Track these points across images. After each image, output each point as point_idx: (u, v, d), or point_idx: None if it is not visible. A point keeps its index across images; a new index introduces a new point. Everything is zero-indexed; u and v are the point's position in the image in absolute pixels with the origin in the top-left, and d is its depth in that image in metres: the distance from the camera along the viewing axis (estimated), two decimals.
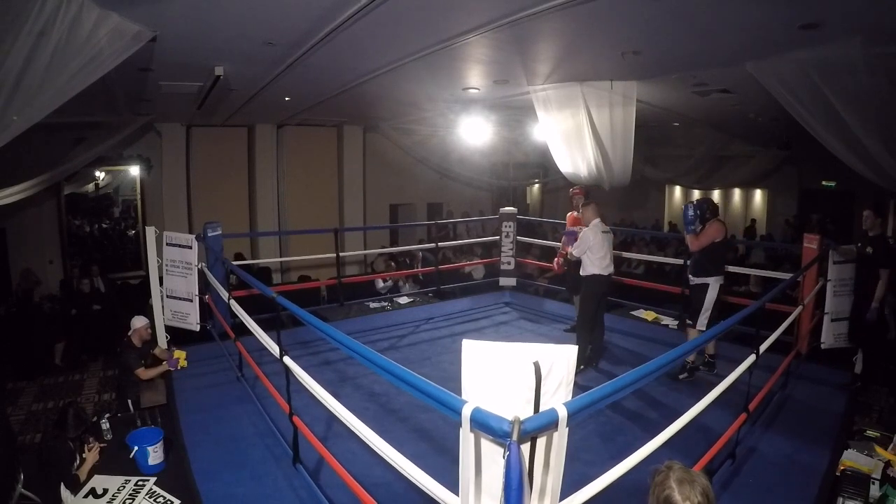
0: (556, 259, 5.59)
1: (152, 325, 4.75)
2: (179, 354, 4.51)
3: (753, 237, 12.00)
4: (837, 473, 2.98)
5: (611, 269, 4.62)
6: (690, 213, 4.27)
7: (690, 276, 4.44)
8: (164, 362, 4.46)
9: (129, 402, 4.34)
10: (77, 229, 9.33)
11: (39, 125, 3.20)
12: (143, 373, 4.38)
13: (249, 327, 3.49)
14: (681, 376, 4.29)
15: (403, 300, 6.58)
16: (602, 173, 6.13)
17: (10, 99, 2.86)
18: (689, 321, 4.47)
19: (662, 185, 14.01)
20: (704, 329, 4.25)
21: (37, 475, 3.25)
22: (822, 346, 4.37)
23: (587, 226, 4.63)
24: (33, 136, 3.98)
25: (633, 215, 14.16)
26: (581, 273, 4.67)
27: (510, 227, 6.81)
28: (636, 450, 1.98)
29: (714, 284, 4.26)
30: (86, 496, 2.99)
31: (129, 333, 4.48)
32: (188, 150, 9.17)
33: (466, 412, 1.40)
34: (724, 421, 3.01)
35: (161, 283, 4.97)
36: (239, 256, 9.12)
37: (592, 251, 4.55)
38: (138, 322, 4.51)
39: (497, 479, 1.36)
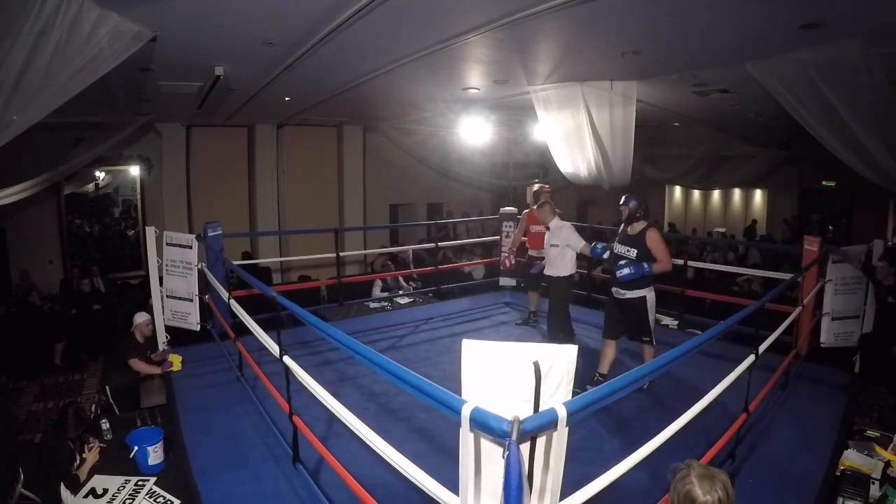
0: (507, 257, 5.98)
1: (152, 325, 4.76)
2: (174, 359, 4.50)
3: (754, 237, 12.00)
4: (837, 473, 2.98)
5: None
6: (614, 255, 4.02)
7: (620, 289, 3.97)
8: (161, 363, 4.47)
9: (108, 388, 4.35)
10: (77, 229, 9.33)
11: (39, 125, 3.20)
12: (136, 363, 4.39)
13: (249, 327, 3.49)
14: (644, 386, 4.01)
15: (403, 300, 6.58)
16: (602, 173, 6.13)
17: (10, 99, 2.86)
18: (644, 338, 4.02)
19: (662, 185, 14.01)
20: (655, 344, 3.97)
21: (37, 475, 3.24)
22: (822, 346, 4.36)
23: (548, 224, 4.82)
24: (33, 136, 3.98)
25: None
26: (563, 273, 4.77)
27: (510, 227, 6.81)
28: (636, 450, 1.98)
29: (651, 295, 3.94)
30: (86, 496, 2.99)
31: (132, 329, 4.54)
32: (188, 150, 9.17)
33: (466, 412, 1.40)
34: (724, 421, 3.01)
35: (161, 283, 4.97)
36: (246, 255, 9.13)
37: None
38: (140, 318, 4.56)
39: (497, 478, 1.36)
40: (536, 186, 5.94)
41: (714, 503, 1.41)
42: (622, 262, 3.89)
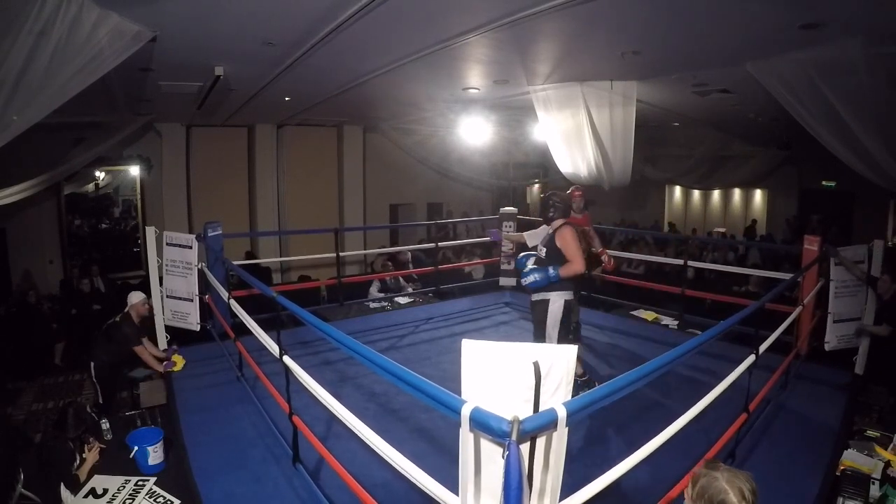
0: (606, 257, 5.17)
1: (152, 326, 4.75)
2: (177, 359, 4.49)
3: (754, 237, 12.00)
4: (837, 473, 2.98)
5: None
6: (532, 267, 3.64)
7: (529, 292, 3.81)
8: (163, 362, 4.46)
9: (92, 364, 4.25)
10: (77, 229, 9.34)
11: (39, 125, 3.20)
12: (142, 350, 4.34)
13: (249, 327, 3.49)
14: None
15: (403, 300, 6.58)
16: (602, 173, 6.13)
17: (10, 99, 2.86)
18: None
19: (662, 185, 14.01)
20: None
21: (37, 475, 3.24)
22: (826, 348, 4.35)
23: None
24: (33, 136, 3.98)
25: (634, 215, 14.16)
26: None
27: (510, 227, 6.81)
28: (636, 450, 1.97)
29: (556, 300, 3.59)
30: (86, 496, 2.99)
31: (127, 309, 4.44)
32: (188, 150, 9.18)
33: (466, 412, 1.40)
34: (724, 421, 3.01)
35: (161, 283, 4.97)
36: (249, 255, 9.14)
37: None
38: (135, 297, 4.47)
39: (497, 478, 1.36)
40: (570, 189, 5.44)
41: None
42: (527, 268, 3.65)
